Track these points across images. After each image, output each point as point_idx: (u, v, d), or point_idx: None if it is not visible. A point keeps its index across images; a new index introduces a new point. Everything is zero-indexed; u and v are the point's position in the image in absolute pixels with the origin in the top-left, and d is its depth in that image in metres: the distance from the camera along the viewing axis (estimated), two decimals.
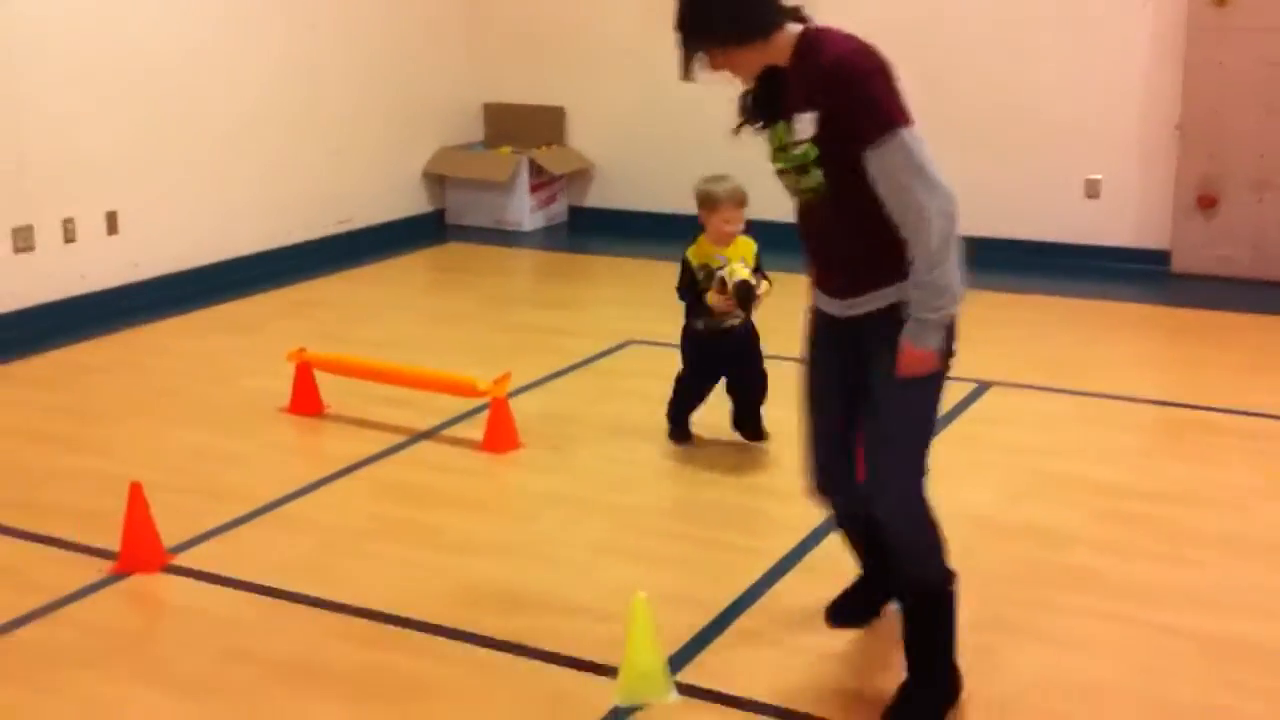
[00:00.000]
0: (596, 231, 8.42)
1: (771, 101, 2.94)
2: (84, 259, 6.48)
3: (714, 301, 4.45)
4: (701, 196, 4.48)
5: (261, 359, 5.74)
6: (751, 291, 4.37)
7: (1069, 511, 4.18)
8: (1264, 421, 4.98)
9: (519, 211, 8.44)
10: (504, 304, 6.90)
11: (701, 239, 4.53)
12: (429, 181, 8.54)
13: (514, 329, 6.38)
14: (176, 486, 4.42)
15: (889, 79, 2.78)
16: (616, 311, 6.71)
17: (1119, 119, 7.18)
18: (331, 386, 5.20)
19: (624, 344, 5.99)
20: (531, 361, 5.66)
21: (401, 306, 6.92)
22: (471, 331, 6.35)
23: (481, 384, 4.78)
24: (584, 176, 8.64)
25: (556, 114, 8.56)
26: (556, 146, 8.52)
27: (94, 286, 6.53)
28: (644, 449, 4.74)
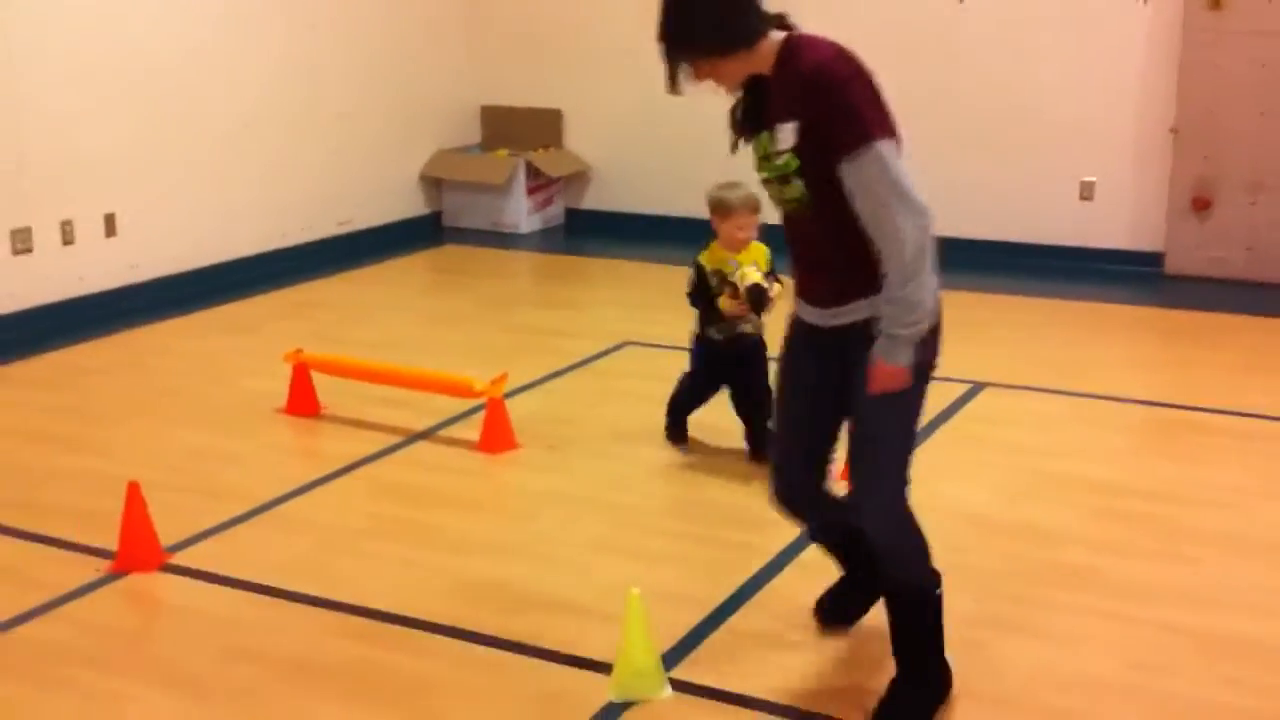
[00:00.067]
0: (593, 234, 8.42)
1: (757, 111, 2.92)
2: (82, 261, 6.49)
3: (727, 306, 4.46)
4: (715, 203, 4.46)
5: (260, 360, 5.75)
6: (764, 294, 4.38)
7: (1065, 510, 4.20)
8: (1258, 422, 5.00)
9: (516, 214, 8.45)
10: (501, 305, 6.91)
11: (714, 244, 4.53)
12: (426, 184, 8.55)
13: (511, 330, 6.40)
14: (174, 486, 4.43)
15: (868, 85, 2.76)
16: (613, 313, 6.71)
17: (1114, 121, 7.19)
18: (329, 387, 5.21)
19: (621, 345, 6.00)
20: (529, 362, 5.67)
21: (400, 308, 6.94)
22: (469, 333, 6.36)
23: (478, 384, 4.80)
24: (581, 179, 8.65)
25: (554, 116, 8.57)
26: (554, 149, 8.53)
27: (92, 288, 6.54)
28: (640, 449, 4.75)
